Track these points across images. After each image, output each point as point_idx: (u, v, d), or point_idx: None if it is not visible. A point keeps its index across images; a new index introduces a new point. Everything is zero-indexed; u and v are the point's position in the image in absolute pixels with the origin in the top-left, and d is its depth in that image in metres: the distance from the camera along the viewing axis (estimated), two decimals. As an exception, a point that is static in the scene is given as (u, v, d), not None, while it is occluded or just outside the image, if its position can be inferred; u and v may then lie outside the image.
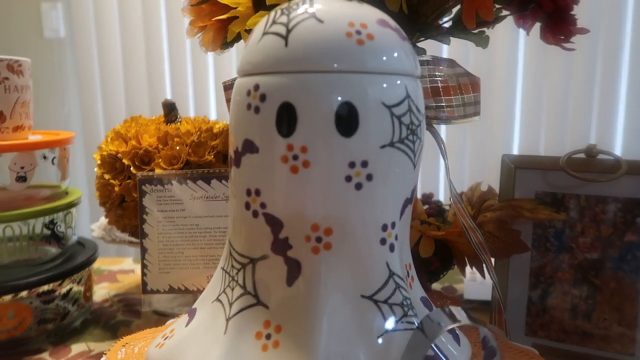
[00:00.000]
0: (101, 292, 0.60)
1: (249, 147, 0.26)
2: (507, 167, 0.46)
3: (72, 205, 0.52)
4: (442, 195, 1.26)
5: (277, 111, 0.25)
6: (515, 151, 1.25)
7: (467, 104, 0.44)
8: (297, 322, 0.25)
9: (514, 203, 0.44)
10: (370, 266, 0.26)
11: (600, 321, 0.43)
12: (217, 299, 0.28)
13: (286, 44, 0.25)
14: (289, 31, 0.25)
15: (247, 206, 0.27)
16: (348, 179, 0.25)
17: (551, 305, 0.45)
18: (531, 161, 0.45)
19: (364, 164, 0.25)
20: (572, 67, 1.21)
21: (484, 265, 0.45)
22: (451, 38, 0.46)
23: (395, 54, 0.26)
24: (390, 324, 0.26)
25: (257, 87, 0.26)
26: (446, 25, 0.45)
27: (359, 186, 0.25)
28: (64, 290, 0.49)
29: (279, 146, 0.25)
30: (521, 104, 1.26)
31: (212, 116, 1.33)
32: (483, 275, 0.44)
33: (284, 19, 0.26)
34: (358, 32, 0.25)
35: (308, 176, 0.25)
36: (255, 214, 0.27)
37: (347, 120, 0.25)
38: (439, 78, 0.44)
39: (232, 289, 0.28)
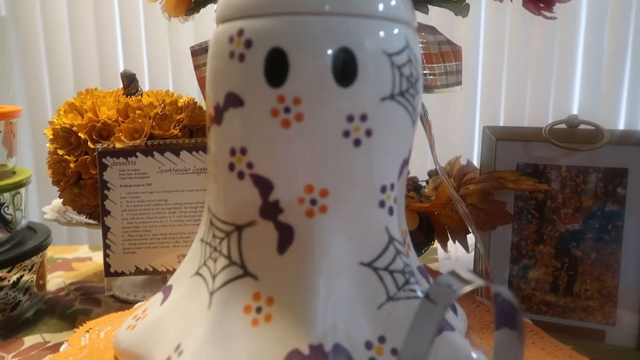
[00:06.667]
0: (55, 280, 0.55)
1: (233, 100, 0.23)
2: (488, 139, 0.45)
3: (20, 185, 0.47)
4: (413, 172, 1.23)
5: (265, 58, 0.22)
6: (478, 123, 1.24)
7: (449, 72, 0.43)
8: (291, 293, 0.23)
9: (496, 175, 0.43)
10: (369, 231, 0.24)
11: (582, 292, 0.43)
12: (197, 273, 0.26)
13: (274, -17, 0.22)
14: (277, -32, 0.22)
15: (232, 167, 0.24)
16: (346, 134, 0.23)
17: (532, 278, 0.44)
18: (512, 132, 0.44)
19: (363, 117, 0.23)
20: (555, 37, 1.21)
21: (468, 238, 0.44)
22: (429, 7, 0.44)
23: (394, 2, 0.24)
24: (391, 292, 0.24)
25: (241, 32, 0.23)
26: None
27: (357, 142, 0.23)
28: (13, 278, 0.44)
29: (268, 98, 0.22)
30: (482, 77, 1.25)
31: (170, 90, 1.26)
32: (467, 249, 0.43)
33: (270, -45, 0.23)
34: (355, -29, 0.22)
35: (301, 131, 0.22)
36: (240, 176, 0.24)
37: (344, 68, 0.22)
38: (421, 45, 0.42)
39: (215, 261, 0.25)
